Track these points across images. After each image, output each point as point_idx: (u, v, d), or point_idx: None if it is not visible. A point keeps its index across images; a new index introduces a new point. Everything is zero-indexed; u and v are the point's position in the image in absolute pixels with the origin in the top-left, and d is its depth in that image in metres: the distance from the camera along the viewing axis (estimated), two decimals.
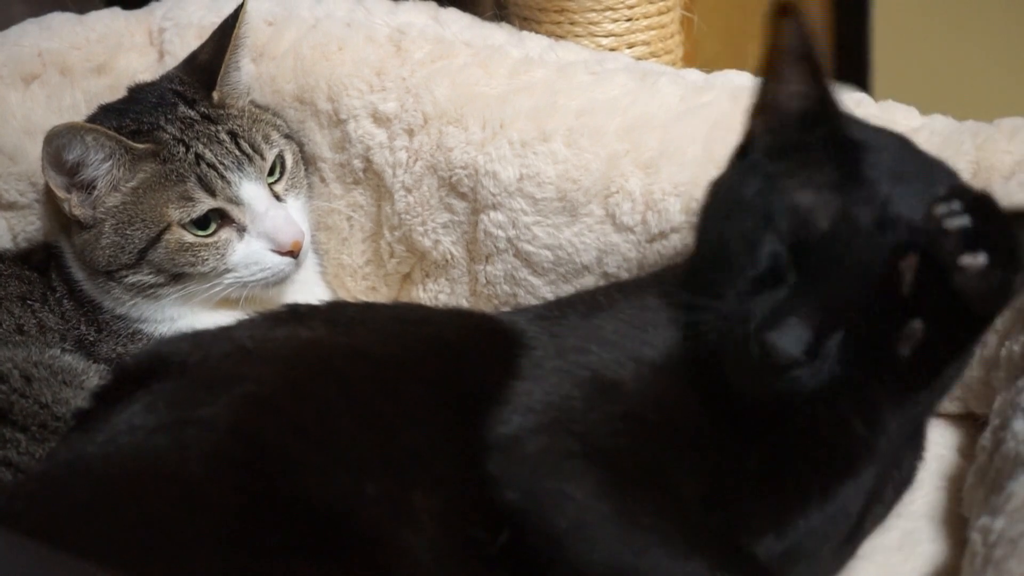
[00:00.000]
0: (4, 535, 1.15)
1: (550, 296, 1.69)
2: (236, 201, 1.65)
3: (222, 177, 1.65)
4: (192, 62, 1.75)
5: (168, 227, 1.64)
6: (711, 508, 1.29)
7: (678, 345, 1.33)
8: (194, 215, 1.64)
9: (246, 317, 1.46)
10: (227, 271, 1.66)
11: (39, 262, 1.74)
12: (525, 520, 1.26)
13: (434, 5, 1.85)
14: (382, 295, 1.84)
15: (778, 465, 1.31)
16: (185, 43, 1.81)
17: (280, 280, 1.68)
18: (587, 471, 1.27)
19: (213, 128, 1.68)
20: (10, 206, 1.77)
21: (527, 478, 1.28)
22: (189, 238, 1.64)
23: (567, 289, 1.68)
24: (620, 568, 1.25)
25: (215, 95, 1.71)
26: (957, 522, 1.44)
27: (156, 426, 1.26)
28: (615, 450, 1.29)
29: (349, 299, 1.83)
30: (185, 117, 1.68)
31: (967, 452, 1.57)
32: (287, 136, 1.75)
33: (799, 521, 1.32)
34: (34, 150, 1.69)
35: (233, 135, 1.68)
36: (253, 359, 1.34)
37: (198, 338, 1.41)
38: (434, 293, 1.79)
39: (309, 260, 1.77)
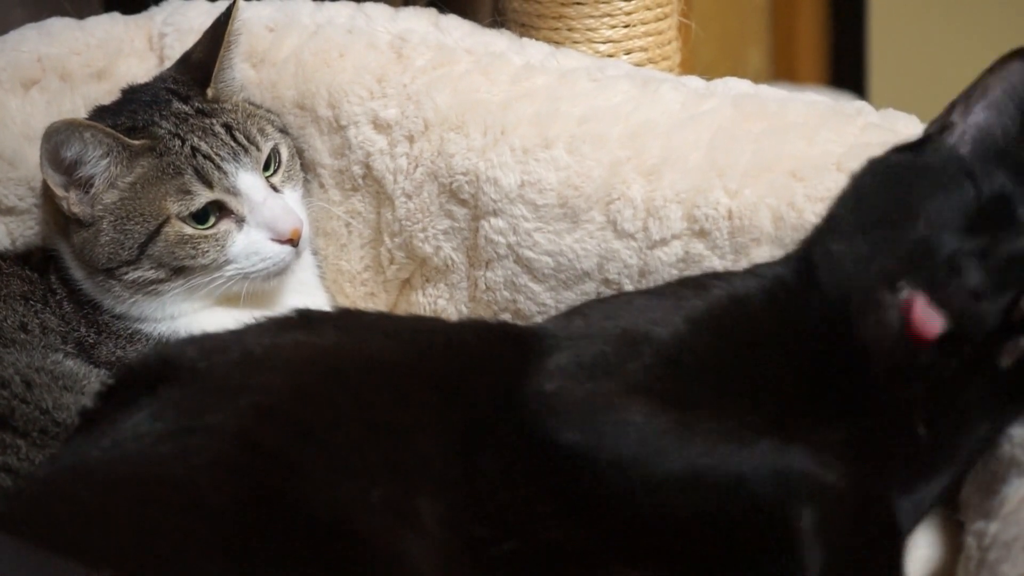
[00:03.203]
0: (6, 540, 1.15)
1: (550, 302, 1.70)
2: (233, 192, 1.65)
3: (219, 168, 1.65)
4: (186, 62, 1.76)
5: (167, 220, 1.63)
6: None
7: (726, 307, 1.40)
8: (193, 208, 1.64)
9: (253, 320, 1.46)
10: (228, 262, 1.65)
11: (38, 264, 1.74)
12: (587, 457, 1.28)
13: (435, 12, 1.85)
14: (381, 301, 1.84)
15: (853, 441, 1.35)
16: (185, 48, 1.80)
17: (281, 270, 1.68)
18: (636, 400, 1.30)
19: (208, 121, 1.68)
20: (9, 211, 1.76)
21: (582, 418, 1.30)
22: (188, 230, 1.64)
23: (568, 295, 1.68)
24: (694, 470, 1.26)
25: (209, 91, 1.72)
26: (953, 528, 1.44)
27: (162, 433, 1.26)
28: (656, 389, 1.32)
29: (347, 305, 1.83)
30: (179, 112, 1.68)
31: None
32: (282, 131, 1.75)
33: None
34: (33, 155, 1.68)
35: (228, 127, 1.68)
36: (262, 367, 1.34)
37: (206, 343, 1.41)
38: (433, 298, 1.79)
39: (308, 263, 1.78)
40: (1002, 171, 1.38)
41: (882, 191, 1.42)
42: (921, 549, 1.44)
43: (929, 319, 1.31)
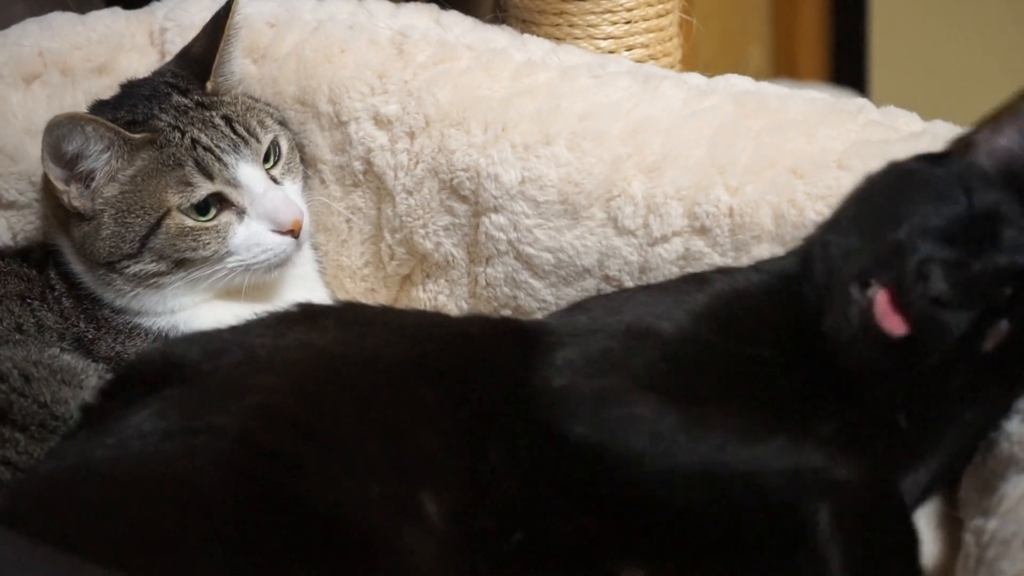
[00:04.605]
0: (9, 536, 1.15)
1: (551, 299, 1.70)
2: (234, 183, 1.65)
3: (219, 160, 1.65)
4: (185, 56, 1.76)
5: (168, 212, 1.64)
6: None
7: (727, 301, 1.41)
8: (193, 200, 1.64)
9: (253, 315, 1.46)
10: (229, 254, 1.65)
11: (37, 260, 1.74)
12: (598, 451, 1.29)
13: (436, 8, 1.85)
14: (381, 297, 1.84)
15: (844, 434, 1.35)
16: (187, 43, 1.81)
17: (282, 262, 1.68)
18: (646, 395, 1.31)
19: (207, 114, 1.68)
20: (10, 205, 1.77)
21: (592, 412, 1.31)
22: (189, 222, 1.64)
23: (568, 292, 1.69)
24: (704, 466, 1.27)
25: (209, 85, 1.72)
26: (952, 525, 1.44)
27: (166, 433, 1.27)
28: (663, 384, 1.33)
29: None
30: (179, 105, 1.68)
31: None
32: (281, 123, 1.75)
33: None
34: (34, 150, 1.69)
35: (228, 119, 1.68)
36: (264, 367, 1.35)
37: (210, 343, 1.41)
38: (433, 294, 1.80)
39: (308, 258, 1.78)
40: (1009, 192, 1.38)
41: (885, 192, 1.43)
42: (923, 546, 1.44)
43: (889, 319, 1.32)
